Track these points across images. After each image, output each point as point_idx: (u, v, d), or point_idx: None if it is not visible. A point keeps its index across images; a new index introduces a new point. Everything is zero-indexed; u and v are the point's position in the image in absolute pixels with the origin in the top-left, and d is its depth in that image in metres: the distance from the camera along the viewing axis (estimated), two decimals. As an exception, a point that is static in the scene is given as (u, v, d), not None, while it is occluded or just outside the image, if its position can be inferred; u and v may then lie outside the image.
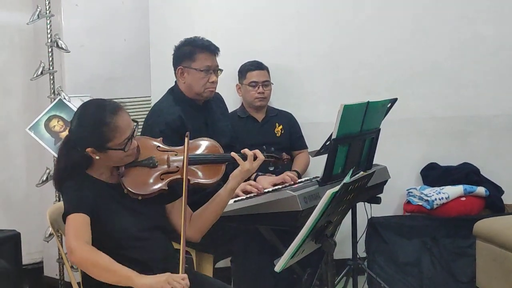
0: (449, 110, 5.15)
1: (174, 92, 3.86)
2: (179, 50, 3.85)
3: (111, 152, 2.81)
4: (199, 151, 3.11)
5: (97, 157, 2.82)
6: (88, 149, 2.80)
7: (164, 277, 2.63)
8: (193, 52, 3.79)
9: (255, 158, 3.07)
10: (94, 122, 2.81)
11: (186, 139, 2.97)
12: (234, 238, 3.58)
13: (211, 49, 3.83)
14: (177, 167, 2.96)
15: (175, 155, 3.01)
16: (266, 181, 3.65)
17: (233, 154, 3.09)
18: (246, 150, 3.10)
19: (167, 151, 3.02)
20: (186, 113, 3.74)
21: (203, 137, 3.52)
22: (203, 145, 3.17)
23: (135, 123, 2.88)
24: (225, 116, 4.09)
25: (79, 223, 2.70)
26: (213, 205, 3.04)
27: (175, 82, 3.88)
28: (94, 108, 2.88)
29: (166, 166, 2.96)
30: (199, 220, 3.02)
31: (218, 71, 3.84)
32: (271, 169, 3.40)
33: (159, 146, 3.04)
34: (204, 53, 3.79)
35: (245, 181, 3.39)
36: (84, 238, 2.69)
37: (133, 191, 2.85)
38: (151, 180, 2.91)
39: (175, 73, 3.86)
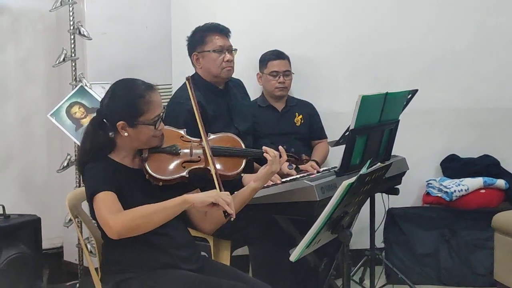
0: (471, 102, 5.13)
1: (194, 79, 3.89)
2: (191, 39, 3.95)
3: (141, 128, 2.85)
4: (220, 144, 3.16)
5: (125, 134, 2.84)
6: (119, 123, 2.83)
7: (214, 193, 2.73)
8: (203, 36, 3.88)
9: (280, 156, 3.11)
10: (129, 94, 2.87)
11: (186, 82, 3.09)
12: (252, 224, 3.60)
13: (220, 29, 3.89)
14: (199, 157, 3.02)
15: (198, 145, 3.06)
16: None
17: (264, 148, 3.12)
18: (267, 151, 3.11)
19: (190, 141, 3.08)
20: (207, 98, 3.80)
21: (225, 122, 3.65)
22: (226, 138, 3.23)
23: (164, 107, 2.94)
24: (246, 101, 4.12)
25: (109, 199, 2.71)
26: (234, 203, 3.04)
27: (195, 70, 3.93)
28: (129, 83, 2.95)
29: (188, 155, 3.01)
30: (217, 214, 3.00)
31: (233, 51, 3.89)
32: (290, 168, 3.41)
33: (182, 136, 3.10)
34: (213, 35, 3.86)
35: None
36: (118, 209, 2.69)
37: (155, 175, 2.89)
38: (173, 167, 2.96)
39: (191, 61, 3.93)
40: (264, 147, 3.13)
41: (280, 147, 3.16)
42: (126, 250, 2.82)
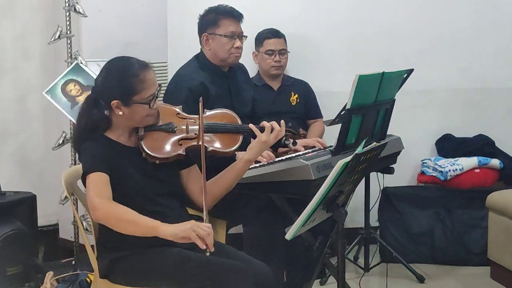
0: (467, 81, 5.14)
1: (199, 58, 3.90)
2: (204, 18, 3.89)
3: (136, 107, 2.84)
4: (217, 120, 3.15)
5: (120, 113, 2.84)
6: (114, 102, 2.82)
7: (188, 225, 2.61)
8: (217, 18, 3.83)
9: (272, 130, 3.09)
10: (124, 73, 2.85)
11: (200, 104, 2.99)
12: (247, 204, 3.61)
13: (235, 15, 3.86)
14: (195, 134, 3.01)
15: (194, 122, 3.05)
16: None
17: (251, 125, 3.12)
18: (264, 122, 3.12)
19: (186, 118, 3.07)
20: (210, 79, 3.79)
21: (225, 104, 3.58)
22: (221, 114, 3.20)
23: (159, 85, 2.92)
24: (248, 86, 4.12)
25: (100, 181, 2.73)
26: (228, 175, 3.06)
27: (201, 49, 3.91)
28: (123, 61, 2.93)
29: (184, 133, 3.00)
30: (212, 188, 3.01)
31: (243, 37, 3.87)
32: (287, 142, 3.39)
33: (178, 113, 3.08)
34: (228, 19, 3.82)
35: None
36: (106, 195, 2.72)
37: (151, 154, 2.89)
38: (169, 145, 2.95)
39: (200, 40, 3.89)
40: (250, 125, 3.13)
41: (282, 121, 3.15)
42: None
